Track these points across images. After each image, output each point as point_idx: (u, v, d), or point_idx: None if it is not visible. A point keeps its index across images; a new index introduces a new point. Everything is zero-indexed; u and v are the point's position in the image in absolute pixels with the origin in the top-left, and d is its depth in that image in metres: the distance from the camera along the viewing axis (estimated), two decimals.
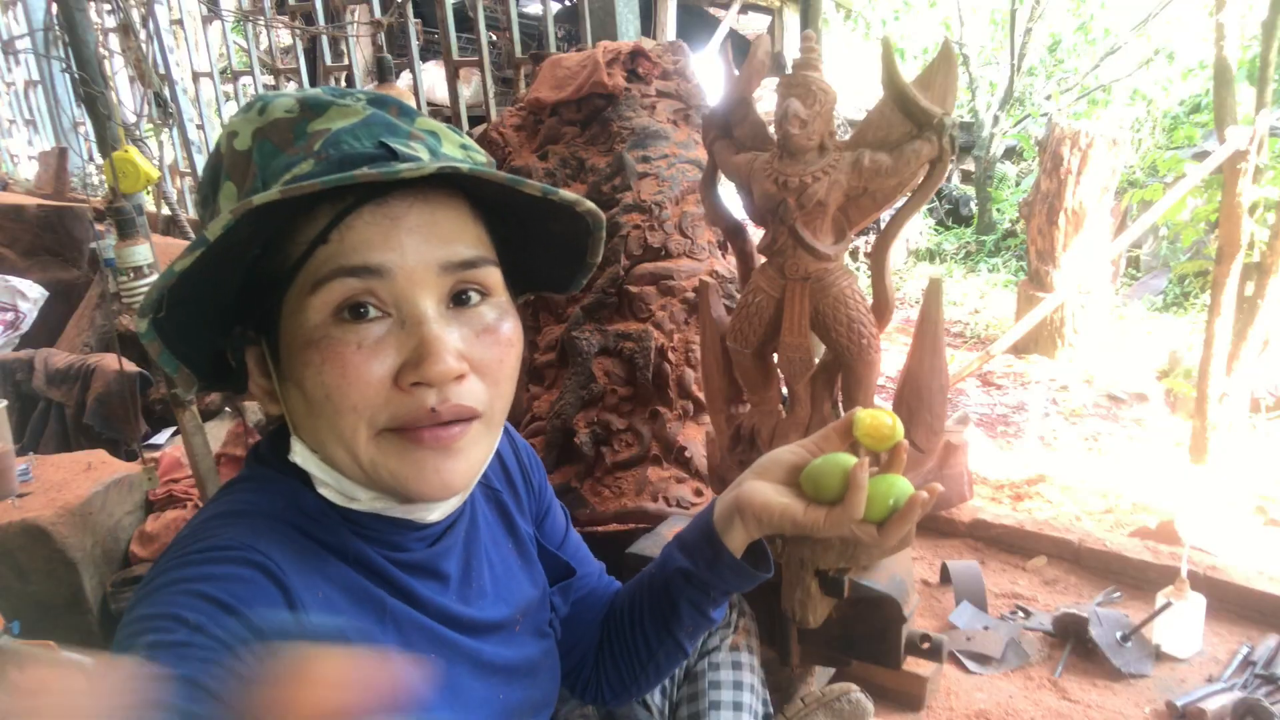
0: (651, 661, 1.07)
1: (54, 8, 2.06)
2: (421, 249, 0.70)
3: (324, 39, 4.90)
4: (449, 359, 0.69)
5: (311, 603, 0.71)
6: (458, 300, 0.73)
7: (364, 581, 0.77)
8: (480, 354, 0.73)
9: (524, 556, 1.02)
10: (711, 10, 9.36)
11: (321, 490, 0.76)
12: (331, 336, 0.69)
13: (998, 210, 8.73)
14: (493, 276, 0.75)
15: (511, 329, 0.76)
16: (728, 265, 2.23)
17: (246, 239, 0.69)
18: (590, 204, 0.79)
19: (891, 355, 5.19)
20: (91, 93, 1.94)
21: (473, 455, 0.75)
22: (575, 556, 1.12)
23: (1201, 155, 5.71)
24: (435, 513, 0.81)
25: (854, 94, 8.82)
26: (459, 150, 0.77)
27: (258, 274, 0.73)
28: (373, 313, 0.69)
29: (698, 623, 1.03)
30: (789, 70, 1.43)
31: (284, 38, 7.94)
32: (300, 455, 0.75)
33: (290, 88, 8.19)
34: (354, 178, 0.64)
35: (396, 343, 0.70)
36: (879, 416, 0.87)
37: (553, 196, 0.74)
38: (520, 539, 1.02)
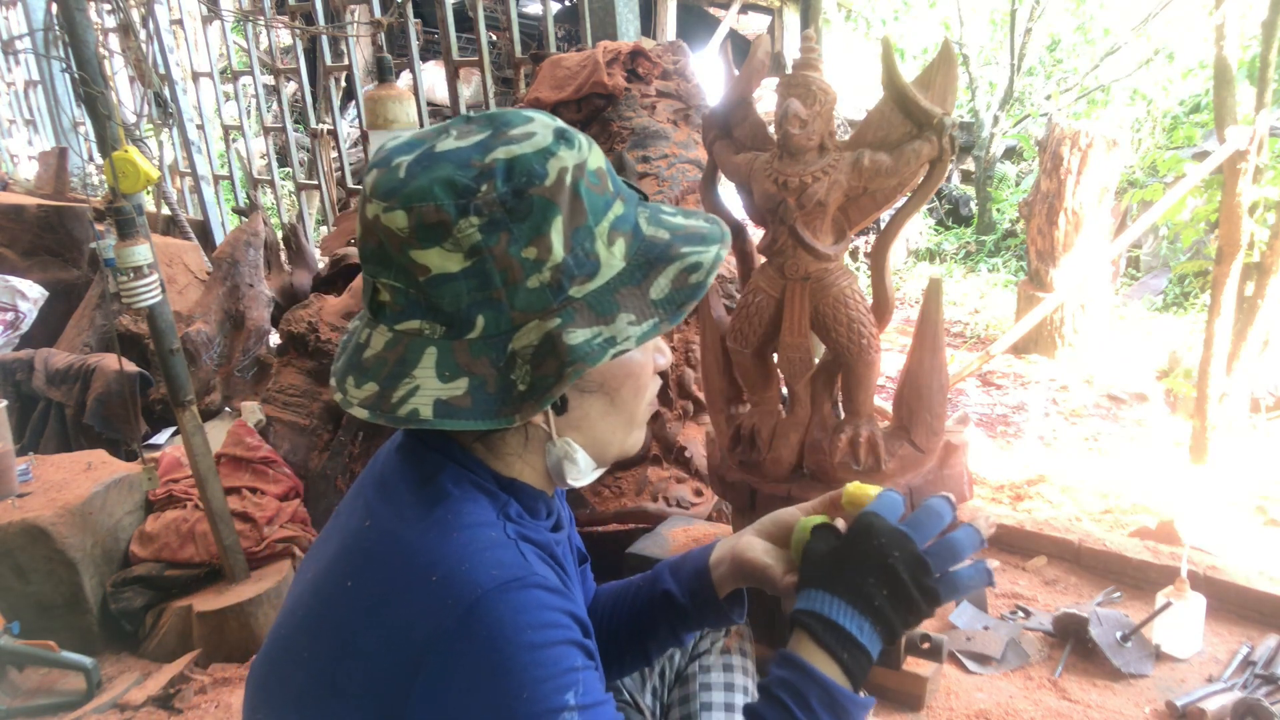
0: (616, 664, 1.15)
1: (54, 8, 2.06)
2: None
3: (324, 39, 4.91)
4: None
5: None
6: None
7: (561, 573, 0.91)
8: None
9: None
10: (711, 10, 9.36)
11: (570, 477, 0.91)
12: (641, 360, 0.91)
13: (998, 210, 8.72)
14: None
15: None
16: (728, 265, 2.22)
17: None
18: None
19: (891, 355, 5.18)
20: (91, 93, 1.94)
21: None
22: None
23: (1201, 155, 5.71)
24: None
25: (854, 94, 8.81)
26: None
27: None
28: None
29: (668, 642, 1.14)
30: (789, 70, 1.43)
31: (284, 38, 7.94)
32: (567, 449, 0.90)
33: (290, 88, 8.18)
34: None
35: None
36: (864, 489, 1.00)
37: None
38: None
